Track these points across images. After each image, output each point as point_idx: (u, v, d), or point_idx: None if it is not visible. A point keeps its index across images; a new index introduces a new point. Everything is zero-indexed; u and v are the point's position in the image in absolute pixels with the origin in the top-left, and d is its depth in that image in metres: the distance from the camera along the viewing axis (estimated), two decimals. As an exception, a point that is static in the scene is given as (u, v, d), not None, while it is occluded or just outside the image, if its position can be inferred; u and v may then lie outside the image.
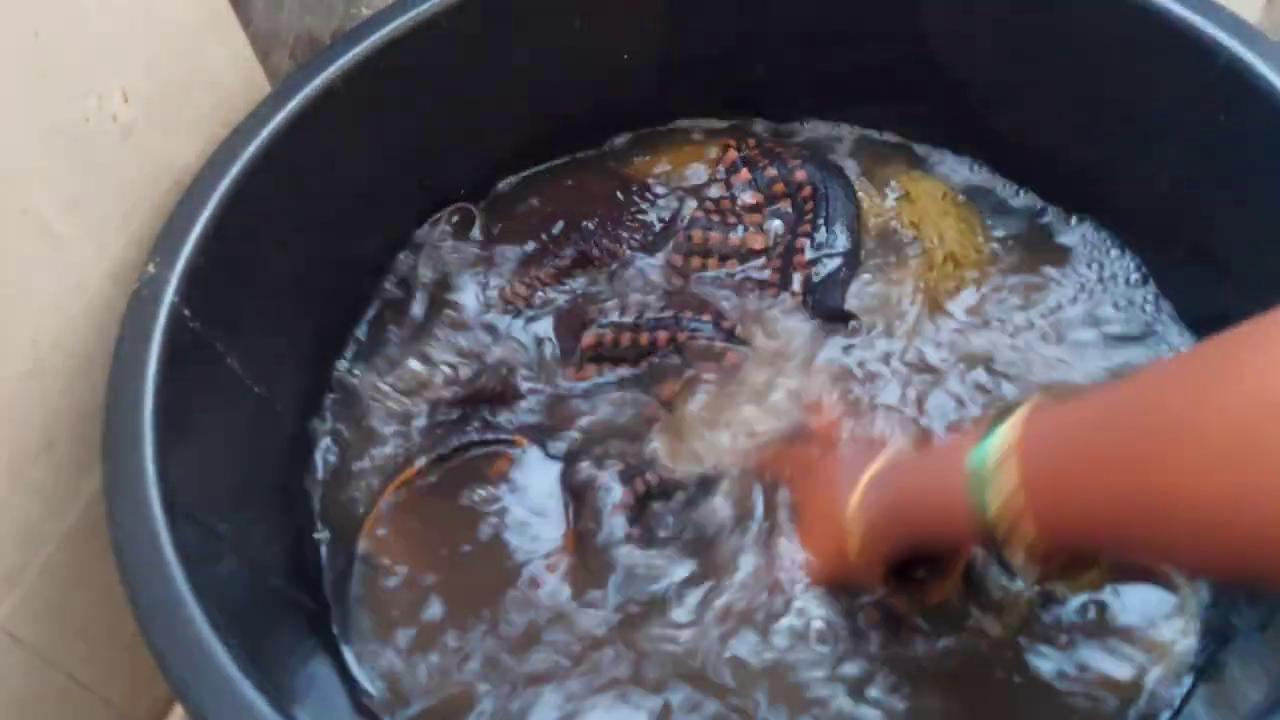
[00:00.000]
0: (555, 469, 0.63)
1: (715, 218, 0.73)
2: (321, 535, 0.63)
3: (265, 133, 0.59)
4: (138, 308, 0.53)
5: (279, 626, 0.57)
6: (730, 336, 0.67)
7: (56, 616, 0.58)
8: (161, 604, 0.46)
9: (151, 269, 0.54)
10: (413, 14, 0.64)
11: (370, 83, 0.63)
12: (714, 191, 0.75)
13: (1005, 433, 0.43)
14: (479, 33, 0.67)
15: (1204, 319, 0.66)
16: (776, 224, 0.73)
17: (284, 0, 0.63)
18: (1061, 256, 0.71)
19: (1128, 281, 0.70)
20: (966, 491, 0.44)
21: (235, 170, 0.57)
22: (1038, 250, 0.72)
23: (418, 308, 0.71)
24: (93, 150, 0.53)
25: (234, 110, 0.61)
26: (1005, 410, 0.44)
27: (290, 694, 0.48)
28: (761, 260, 0.72)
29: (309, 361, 0.66)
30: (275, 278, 0.62)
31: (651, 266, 0.72)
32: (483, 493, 0.63)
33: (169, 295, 0.53)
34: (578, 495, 0.62)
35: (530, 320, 0.70)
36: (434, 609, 0.60)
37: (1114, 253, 0.71)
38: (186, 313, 0.54)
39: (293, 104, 0.60)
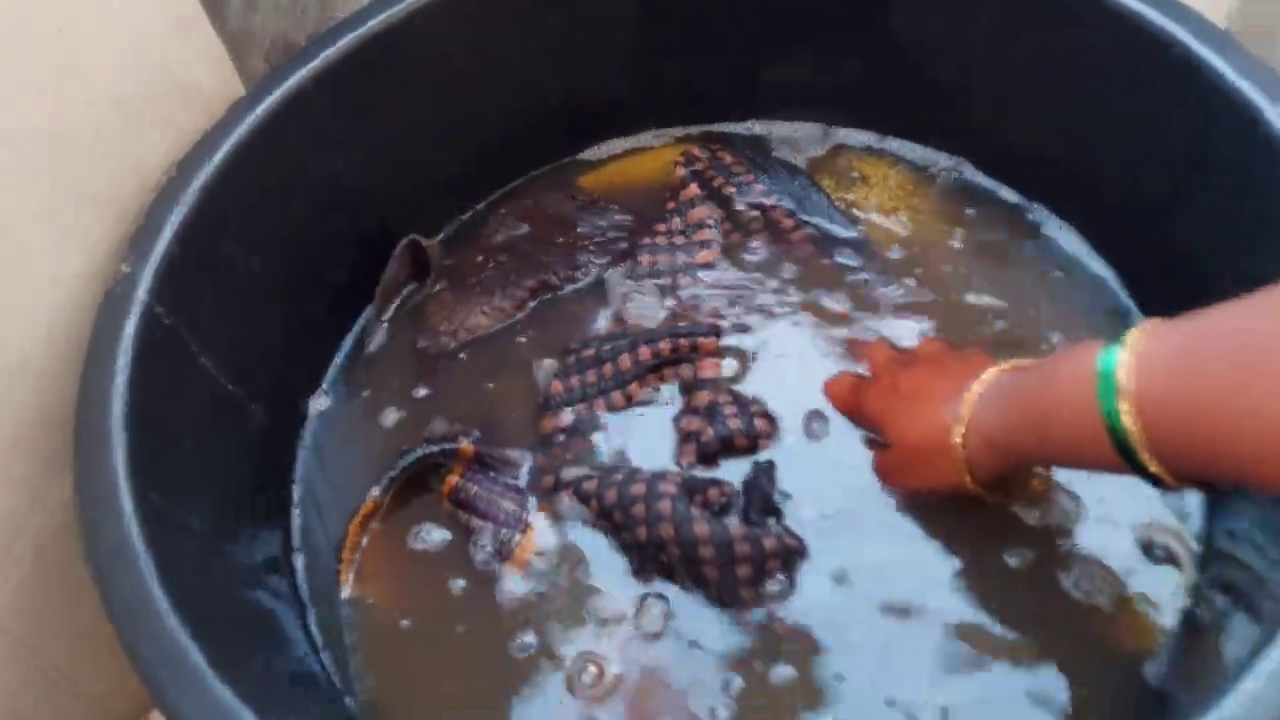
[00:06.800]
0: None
1: (662, 240, 0.73)
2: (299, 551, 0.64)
3: (237, 134, 0.59)
4: (110, 306, 0.54)
5: (255, 624, 0.57)
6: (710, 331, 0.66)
7: (41, 609, 0.59)
8: (133, 602, 0.46)
9: (125, 268, 0.55)
10: (386, 15, 0.64)
11: (343, 85, 0.63)
12: (675, 224, 0.73)
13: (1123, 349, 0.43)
14: (453, 34, 0.67)
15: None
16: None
17: (258, 3, 0.63)
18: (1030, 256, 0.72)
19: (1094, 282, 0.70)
20: (1097, 398, 0.43)
21: (208, 171, 0.58)
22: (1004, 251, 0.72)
23: (380, 342, 0.72)
24: (63, 152, 0.54)
25: (208, 112, 0.61)
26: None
27: (263, 692, 0.48)
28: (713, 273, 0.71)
29: (285, 362, 0.67)
30: (249, 279, 0.62)
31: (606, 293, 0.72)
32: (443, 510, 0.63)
33: (141, 294, 0.54)
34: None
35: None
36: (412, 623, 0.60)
37: (1084, 249, 0.72)
38: (159, 310, 0.54)
39: (264, 106, 0.60)
